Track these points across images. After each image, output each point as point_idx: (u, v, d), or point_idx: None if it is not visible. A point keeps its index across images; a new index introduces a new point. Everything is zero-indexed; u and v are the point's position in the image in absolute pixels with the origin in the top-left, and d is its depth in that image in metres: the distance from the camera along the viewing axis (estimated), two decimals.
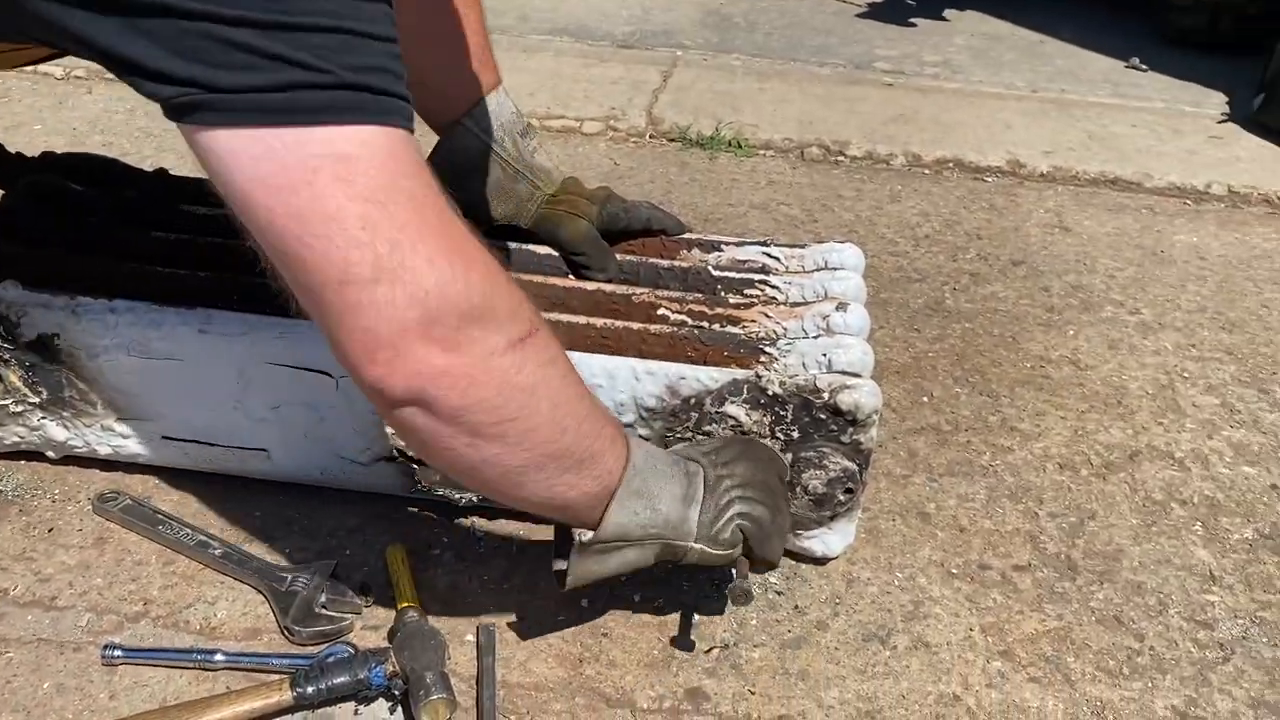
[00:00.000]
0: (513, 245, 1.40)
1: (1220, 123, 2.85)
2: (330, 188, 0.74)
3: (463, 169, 1.38)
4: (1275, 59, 2.76)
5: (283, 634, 1.14)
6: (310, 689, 1.04)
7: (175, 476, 1.33)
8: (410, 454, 1.23)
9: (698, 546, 1.03)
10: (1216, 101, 2.99)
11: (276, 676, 1.07)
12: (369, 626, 1.16)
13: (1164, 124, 2.81)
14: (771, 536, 1.08)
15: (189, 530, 1.25)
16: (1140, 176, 2.48)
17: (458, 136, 1.37)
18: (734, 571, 1.09)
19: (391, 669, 1.05)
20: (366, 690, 1.05)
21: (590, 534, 0.99)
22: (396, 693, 1.06)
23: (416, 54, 0.90)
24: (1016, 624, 1.23)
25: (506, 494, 0.95)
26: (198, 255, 1.34)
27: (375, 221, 0.75)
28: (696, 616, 1.19)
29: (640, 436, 1.18)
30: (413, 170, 0.79)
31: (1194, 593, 1.29)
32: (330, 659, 1.07)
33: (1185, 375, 1.74)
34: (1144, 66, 3.25)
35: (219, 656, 1.09)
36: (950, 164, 2.51)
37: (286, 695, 1.03)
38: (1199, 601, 1.28)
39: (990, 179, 2.48)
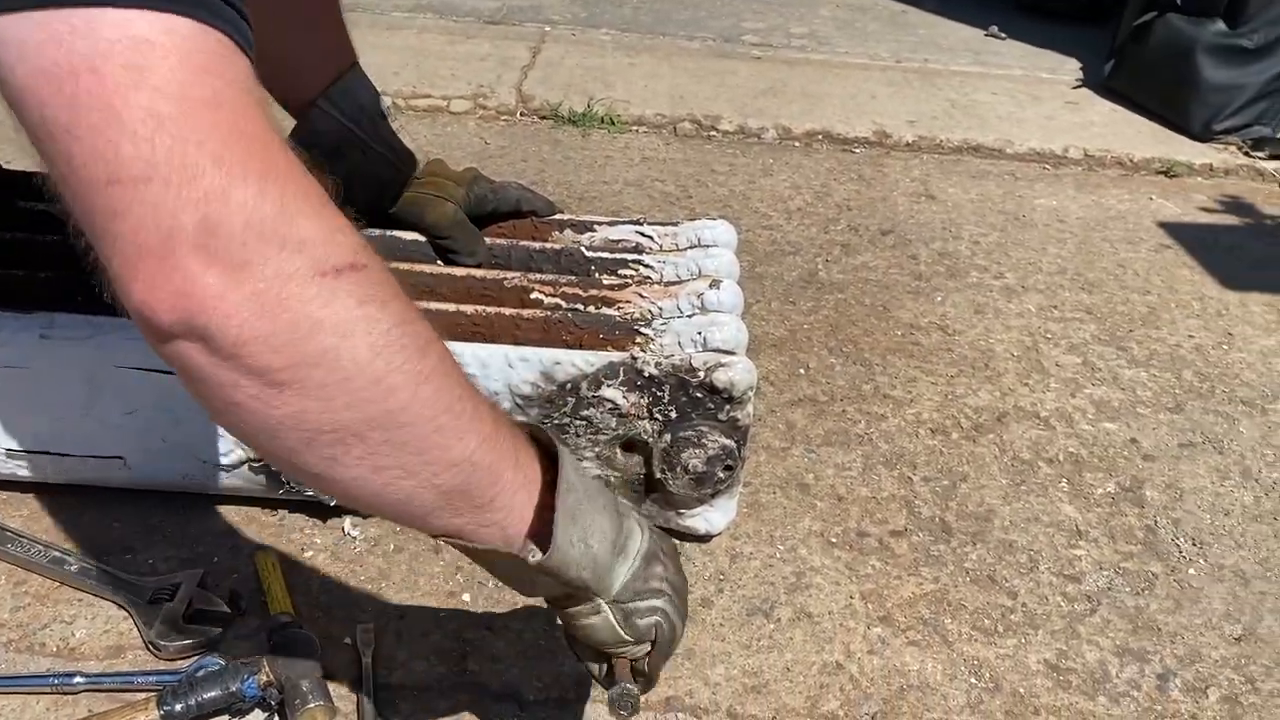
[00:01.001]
0: (376, 232, 1.35)
1: (1075, 88, 2.95)
2: (117, 74, 0.63)
3: (320, 152, 1.32)
4: (1124, 26, 2.87)
5: (148, 650, 1.08)
6: (179, 706, 0.99)
7: (25, 490, 1.26)
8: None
9: (607, 608, 0.83)
10: (1071, 68, 3.10)
11: (142, 695, 1.02)
12: (241, 636, 1.11)
13: (1023, 91, 2.90)
14: (669, 656, 0.90)
15: (41, 547, 1.17)
16: (1001, 143, 2.56)
17: (314, 118, 1.31)
18: (613, 673, 0.88)
19: (265, 679, 1.01)
20: (240, 703, 1.01)
21: (540, 555, 0.77)
22: (273, 703, 1.02)
23: (269, 31, 0.85)
24: (895, 589, 1.25)
25: (323, 476, 0.72)
26: (37, 254, 1.26)
27: (162, 115, 0.63)
28: None
29: None
30: (223, 71, 0.66)
31: (1062, 548, 1.33)
32: (199, 673, 1.02)
33: (1048, 336, 1.80)
34: (1003, 35, 3.34)
35: (78, 679, 1.03)
36: (820, 136, 2.54)
37: (153, 714, 0.99)
38: (1067, 556, 1.32)
39: (858, 150, 2.52)
